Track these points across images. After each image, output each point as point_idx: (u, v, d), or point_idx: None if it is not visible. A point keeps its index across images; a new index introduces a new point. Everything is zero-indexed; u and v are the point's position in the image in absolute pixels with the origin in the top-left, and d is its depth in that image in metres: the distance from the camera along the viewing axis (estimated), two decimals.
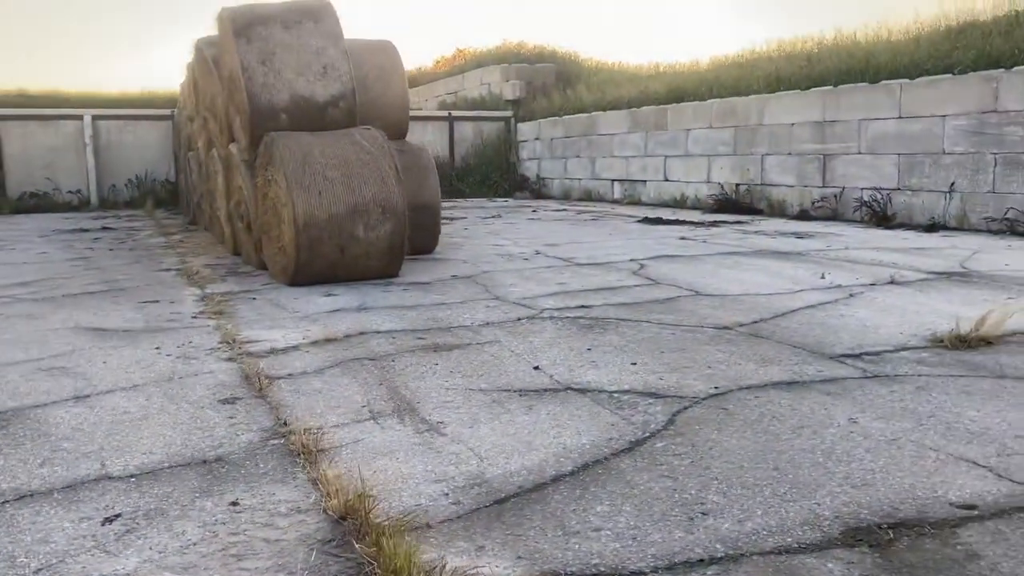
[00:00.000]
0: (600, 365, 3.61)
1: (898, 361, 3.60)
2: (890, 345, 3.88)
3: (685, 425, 2.81)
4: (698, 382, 3.32)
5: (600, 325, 4.44)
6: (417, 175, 7.43)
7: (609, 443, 2.65)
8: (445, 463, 2.50)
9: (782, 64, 12.39)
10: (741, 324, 4.41)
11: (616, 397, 3.14)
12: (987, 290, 5.28)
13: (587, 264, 6.83)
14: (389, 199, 5.89)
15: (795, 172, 11.30)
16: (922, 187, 9.48)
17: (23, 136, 16.15)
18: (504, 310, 4.91)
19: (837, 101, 10.57)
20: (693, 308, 4.86)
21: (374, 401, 3.14)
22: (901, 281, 5.64)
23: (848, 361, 3.61)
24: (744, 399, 3.09)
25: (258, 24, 6.08)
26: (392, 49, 7.82)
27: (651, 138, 14.31)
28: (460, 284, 5.91)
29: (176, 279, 6.43)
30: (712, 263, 6.72)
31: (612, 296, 5.32)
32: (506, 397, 3.17)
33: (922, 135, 9.46)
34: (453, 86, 22.89)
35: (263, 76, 6.03)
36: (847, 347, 3.86)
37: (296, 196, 5.64)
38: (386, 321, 4.64)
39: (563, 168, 17.16)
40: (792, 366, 3.53)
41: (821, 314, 4.63)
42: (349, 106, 6.26)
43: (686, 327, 4.36)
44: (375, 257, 5.95)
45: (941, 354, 3.71)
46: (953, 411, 2.90)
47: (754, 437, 2.68)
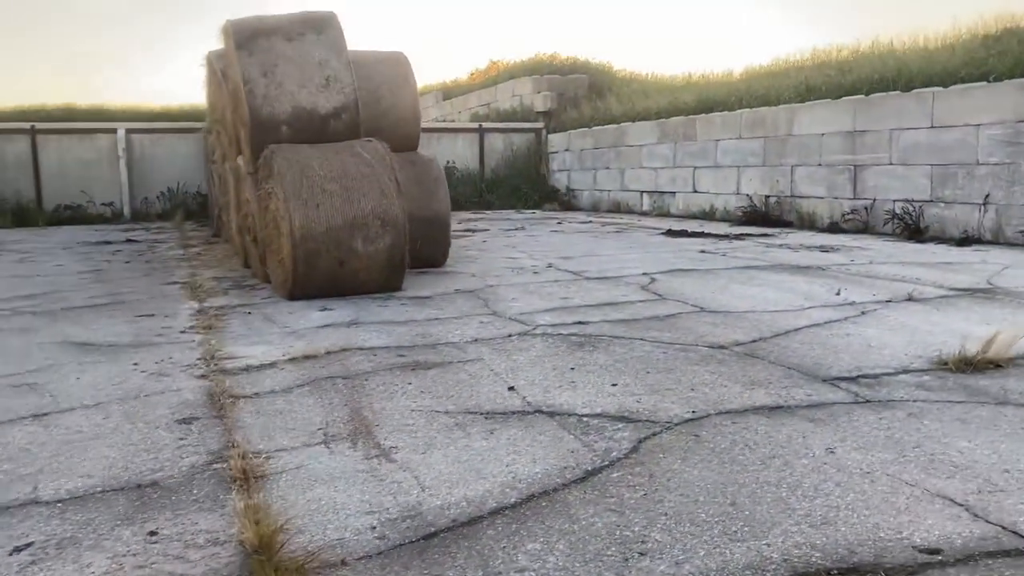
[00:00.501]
0: (579, 386, 3.46)
1: (896, 385, 3.39)
2: (891, 367, 3.67)
3: (649, 453, 2.64)
4: (676, 406, 3.14)
5: (591, 343, 4.27)
6: (427, 187, 7.34)
7: (563, 472, 2.49)
8: (384, 493, 2.37)
9: (812, 73, 12.11)
10: (739, 343, 4.21)
11: (585, 421, 2.98)
12: (1010, 308, 5.01)
13: (596, 278, 6.66)
14: (389, 212, 5.79)
15: (825, 183, 11.01)
16: (955, 199, 9.15)
17: (59, 150, 16.44)
18: (498, 326, 4.77)
19: (868, 110, 10.28)
20: (693, 325, 4.68)
21: (333, 423, 3.02)
22: (919, 298, 5.39)
23: (842, 384, 3.41)
24: (720, 425, 2.91)
25: (260, 36, 6.04)
26: (403, 61, 7.75)
27: (680, 149, 14.09)
28: (460, 298, 5.78)
29: (179, 292, 6.40)
30: (725, 277, 6.52)
31: (613, 312, 5.15)
32: (471, 420, 3.02)
33: (955, 145, 9.13)
34: (486, 98, 22.86)
35: (264, 88, 5.98)
36: (845, 369, 3.66)
37: (293, 209, 5.57)
38: (373, 337, 4.53)
39: (592, 179, 16.99)
40: (780, 389, 3.34)
41: (826, 333, 4.42)
42: (352, 118, 6.19)
43: (680, 346, 4.18)
44: (375, 271, 5.85)
45: (944, 378, 3.48)
46: (942, 441, 2.69)
47: (719, 467, 2.50)
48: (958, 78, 9.34)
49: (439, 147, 18.78)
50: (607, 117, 16.66)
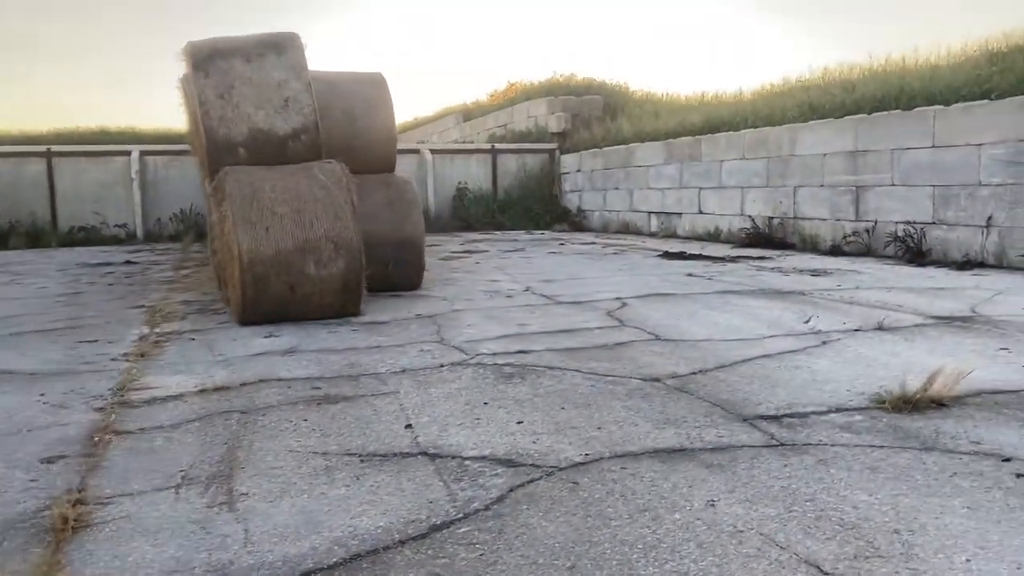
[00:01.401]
0: (482, 423, 3.24)
1: (820, 426, 3.13)
2: (825, 405, 3.41)
3: (513, 504, 2.42)
4: (572, 447, 2.92)
5: (522, 374, 4.06)
6: (400, 210, 7.20)
7: (407, 527, 2.28)
8: (201, 548, 2.17)
9: (816, 93, 11.81)
10: (676, 375, 3.97)
11: (466, 465, 2.77)
12: (983, 339, 4.71)
13: (568, 303, 6.44)
14: (342, 235, 5.63)
15: (827, 205, 10.69)
16: (958, 221, 8.80)
17: (75, 172, 16.61)
18: (436, 355, 4.57)
19: (870, 130, 9.97)
20: (638, 355, 4.44)
21: (199, 465, 2.84)
22: (890, 327, 5.10)
23: (762, 424, 3.16)
24: (607, 471, 2.68)
25: (218, 57, 5.95)
26: (380, 81, 7.63)
27: (686, 169, 13.83)
28: (416, 324, 5.60)
29: (140, 317, 6.29)
30: (701, 303, 6.26)
31: (565, 339, 4.93)
32: (345, 463, 2.83)
33: (957, 165, 8.79)
34: (503, 119, 22.77)
35: (220, 110, 5.88)
36: (774, 406, 3.40)
37: (241, 232, 5.44)
38: (300, 367, 4.36)
39: (602, 200, 16.78)
40: (692, 429, 3.10)
41: (774, 364, 4.16)
42: (312, 139, 6.06)
43: (613, 378, 3.95)
44: (329, 295, 5.69)
45: (877, 418, 3.22)
46: (840, 494, 2.44)
47: (580, 523, 2.27)
48: (960, 96, 9.01)
49: (452, 168, 18.73)
50: (618, 138, 16.46)
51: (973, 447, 2.84)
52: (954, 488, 2.47)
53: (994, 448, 2.83)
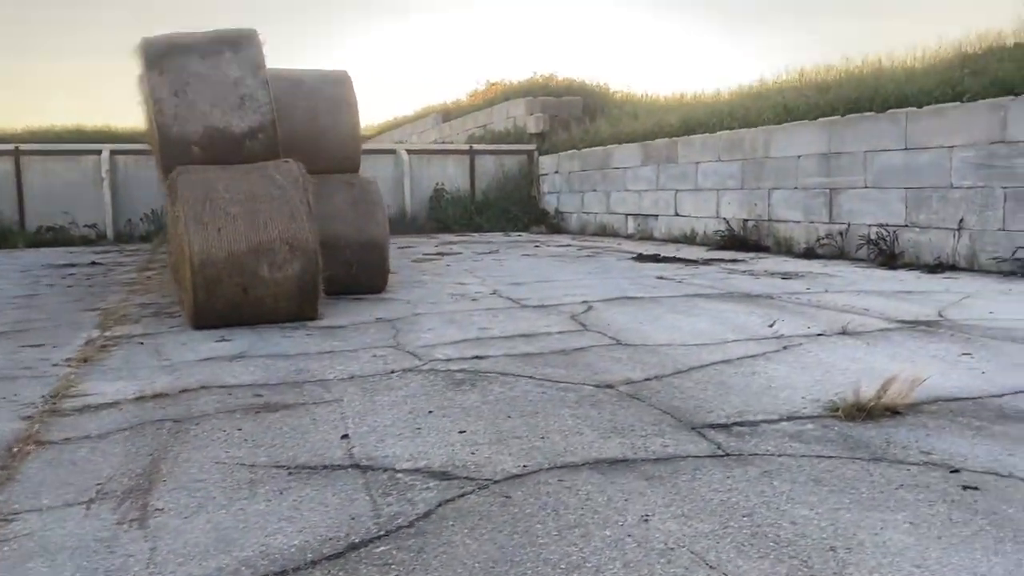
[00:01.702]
0: (423, 433, 3.13)
1: (770, 435, 3.03)
2: (777, 413, 3.31)
3: (439, 520, 2.30)
4: (512, 458, 2.81)
5: (472, 380, 3.95)
6: (364, 210, 7.07)
7: (322, 546, 2.16)
8: (100, 571, 2.05)
9: (792, 94, 11.76)
10: (630, 381, 3.87)
11: (398, 478, 2.66)
12: (947, 343, 4.64)
13: (533, 306, 6.33)
14: (298, 237, 5.50)
15: (801, 207, 10.64)
16: (930, 224, 8.76)
17: (43, 171, 16.36)
18: (388, 361, 4.45)
19: (843, 132, 9.92)
20: (595, 361, 4.34)
21: (118, 478, 2.71)
22: (854, 331, 5.02)
23: (711, 433, 3.06)
24: (543, 483, 2.57)
25: (173, 54, 5.80)
26: (345, 80, 7.50)
27: (663, 171, 13.77)
28: (373, 329, 5.47)
29: (93, 319, 6.13)
30: (666, 307, 6.17)
31: (523, 344, 4.82)
32: (271, 476, 2.70)
33: (929, 167, 8.76)
34: (482, 120, 22.65)
35: (174, 108, 5.73)
36: (726, 414, 3.31)
37: (193, 233, 5.30)
38: (246, 373, 4.23)
39: (580, 202, 16.70)
40: (638, 438, 3.00)
41: (731, 370, 4.07)
42: (269, 138, 5.92)
43: (566, 384, 3.84)
44: (283, 298, 5.56)
45: (829, 426, 3.12)
46: (780, 508, 2.34)
47: (506, 540, 2.16)
48: (933, 98, 8.98)
49: (429, 169, 18.59)
50: (595, 139, 16.38)
51: (923, 457, 2.75)
52: (898, 502, 2.37)
53: (944, 458, 2.74)
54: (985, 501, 2.37)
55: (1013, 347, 4.50)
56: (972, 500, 2.38)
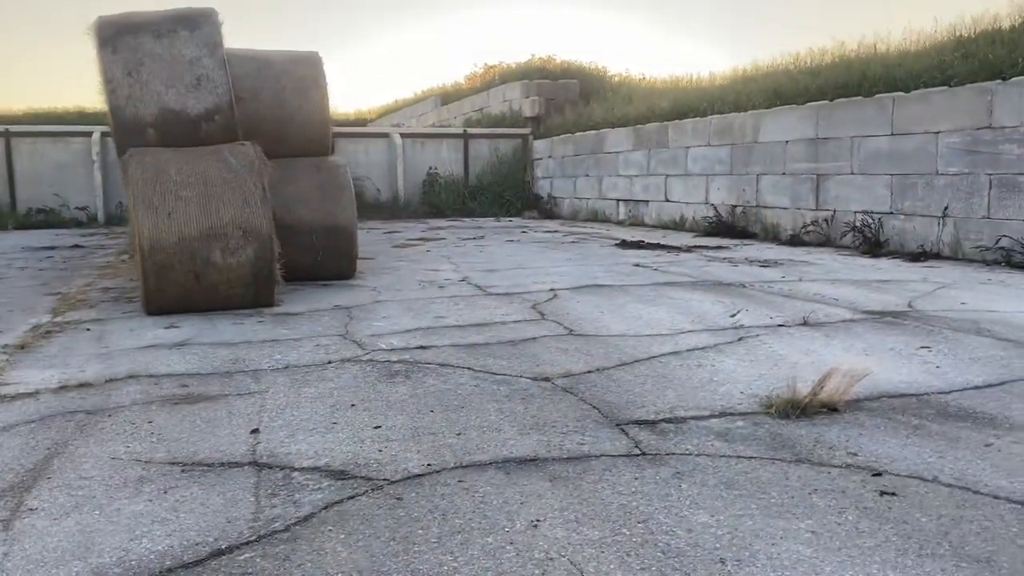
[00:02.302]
0: (337, 428, 3.01)
1: (695, 432, 2.90)
2: (710, 409, 3.18)
3: (319, 524, 2.19)
4: (419, 456, 2.69)
5: (409, 372, 3.83)
6: (330, 195, 6.94)
7: (188, 550, 2.05)
8: None
9: (782, 78, 11.55)
10: (570, 374, 3.75)
11: (292, 477, 2.54)
12: (908, 336, 4.49)
13: (498, 294, 6.21)
14: (251, 222, 5.38)
15: (789, 193, 10.46)
16: (915, 211, 8.58)
17: (32, 153, 16.26)
18: (331, 350, 4.33)
19: (830, 116, 9.73)
20: (541, 352, 4.22)
21: (3, 474, 2.60)
22: (815, 322, 4.88)
23: (634, 430, 2.93)
24: (443, 484, 2.45)
25: (127, 33, 5.67)
26: (314, 61, 7.35)
27: (653, 156, 13.58)
28: (328, 316, 5.35)
29: (50, 304, 6.03)
30: (634, 295, 6.03)
31: (474, 334, 4.70)
32: (163, 473, 2.59)
33: (915, 154, 8.57)
34: (479, 103, 22.44)
35: (128, 88, 5.60)
36: (656, 410, 3.18)
37: (143, 218, 5.18)
38: (182, 361, 4.11)
39: (573, 187, 16.52)
40: (556, 436, 2.87)
41: (678, 363, 3.93)
42: (226, 120, 5.79)
43: (504, 376, 3.72)
44: (238, 284, 5.44)
45: (760, 424, 2.99)
46: (680, 514, 2.21)
47: (381, 547, 2.04)
48: (921, 83, 8.78)
49: (423, 153, 18.44)
50: (589, 123, 16.19)
51: (848, 459, 2.62)
52: (807, 508, 2.24)
53: (870, 460, 2.61)
54: (900, 508, 2.24)
55: (975, 340, 4.35)
56: (886, 507, 2.25)
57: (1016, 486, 2.37)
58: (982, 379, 3.58)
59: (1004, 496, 2.31)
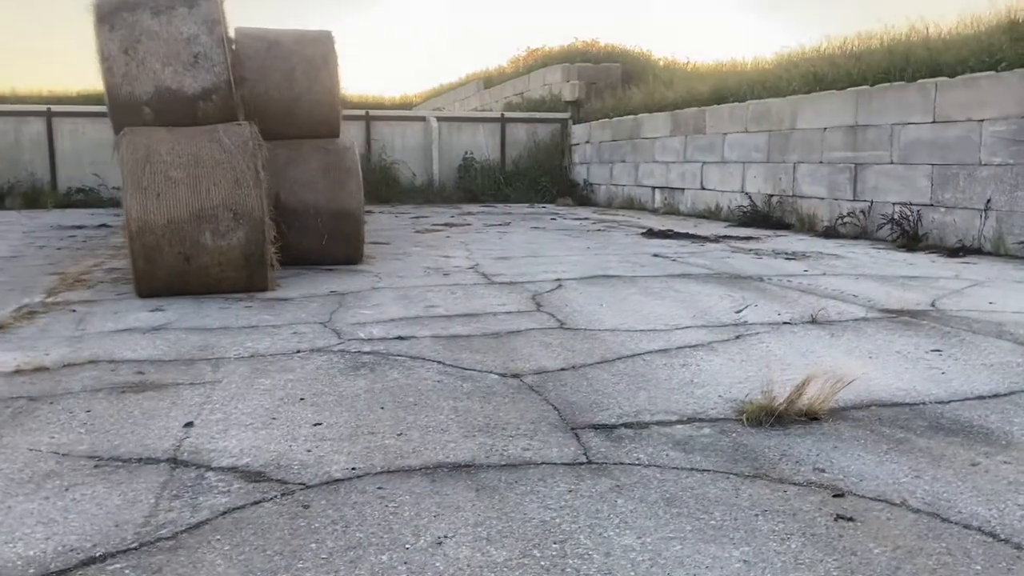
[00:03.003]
0: (276, 424, 2.85)
1: (655, 439, 2.67)
2: (679, 413, 2.94)
3: (209, 533, 2.02)
4: (347, 458, 2.51)
5: (375, 364, 3.65)
6: (336, 178, 6.79)
7: (57, 559, 1.90)
8: None
9: (821, 63, 11.09)
10: (543, 371, 3.53)
11: (206, 477, 2.38)
12: (921, 338, 4.18)
13: (501, 283, 6.00)
14: (243, 203, 5.25)
15: (826, 183, 10.05)
16: (956, 203, 8.14)
17: (73, 133, 16.46)
18: (304, 339, 4.18)
19: (870, 103, 9.29)
20: (523, 346, 4.01)
21: None
22: (824, 320, 4.58)
23: (588, 435, 2.71)
24: (360, 491, 2.26)
25: (124, 10, 5.57)
26: (324, 40, 7.19)
27: (690, 143, 13.21)
28: (318, 303, 5.21)
29: (50, 283, 5.99)
30: (640, 287, 5.78)
31: (459, 326, 4.51)
32: (75, 468, 2.45)
33: (957, 142, 8.12)
34: (520, 87, 22.18)
35: (125, 66, 5.51)
36: (621, 412, 2.95)
37: (131, 198, 5.08)
38: (150, 347, 3.99)
39: (609, 174, 16.20)
40: (503, 439, 2.67)
41: (662, 361, 3.69)
42: (224, 99, 5.66)
43: (473, 372, 3.52)
44: (229, 268, 5.32)
45: (727, 432, 2.75)
46: (604, 535, 2.00)
47: (262, 563, 1.87)
48: (967, 67, 8.31)
49: (459, 137, 18.26)
50: (627, 108, 15.82)
51: (813, 476, 2.37)
52: (748, 533, 2.01)
53: (836, 478, 2.35)
54: (852, 537, 1.99)
55: (993, 344, 4.03)
56: (837, 535, 2.00)
57: (992, 513, 2.10)
58: (989, 388, 3.27)
59: (976, 526, 2.04)
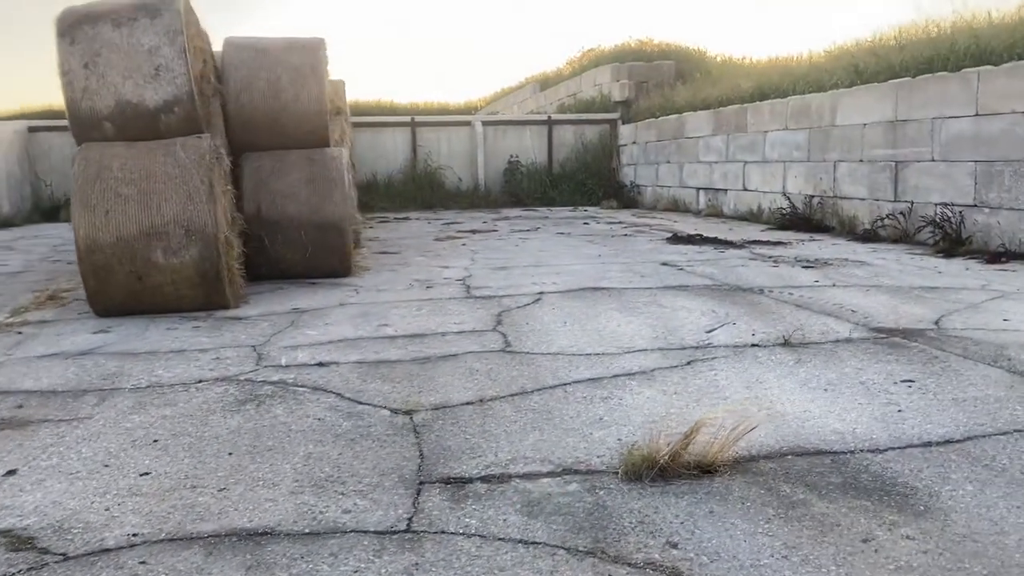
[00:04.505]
0: (102, 473, 2.59)
1: (503, 499, 2.31)
2: (556, 463, 2.57)
3: None
4: (141, 520, 2.23)
5: (264, 398, 3.38)
6: (320, 189, 6.57)
7: None
8: None
9: (863, 54, 10.38)
10: (443, 406, 3.20)
11: None
12: (899, 365, 3.68)
13: (477, 298, 5.68)
14: (196, 219, 5.05)
15: (866, 183, 9.38)
16: (1001, 204, 7.44)
17: None
18: (222, 366, 3.94)
19: (910, 95, 8.62)
20: (443, 375, 3.68)
21: None
22: (798, 343, 4.11)
23: (432, 492, 2.37)
24: (117, 566, 1.98)
25: (85, 23, 5.44)
26: (313, 47, 6.98)
27: (732, 141, 12.62)
28: (268, 323, 4.98)
29: (26, 301, 5.93)
30: (623, 302, 5.38)
31: (397, 348, 4.21)
32: None
33: (1002, 136, 7.42)
34: (573, 88, 21.76)
35: (84, 80, 5.37)
36: (490, 462, 2.59)
37: (79, 216, 4.94)
38: (57, 376, 3.81)
39: (655, 175, 15.67)
40: (331, 497, 2.34)
41: (583, 393, 3.31)
42: (187, 111, 5.48)
43: (366, 407, 3.21)
44: (184, 285, 5.13)
45: (595, 490, 2.37)
46: None
47: None
48: (1015, 54, 7.59)
49: (505, 141, 17.98)
50: (672, 107, 15.26)
51: (658, 554, 1.97)
52: None
53: (685, 556, 1.95)
54: None
55: (982, 372, 3.50)
56: None
57: None
58: (944, 431, 2.79)
59: None
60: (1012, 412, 2.96)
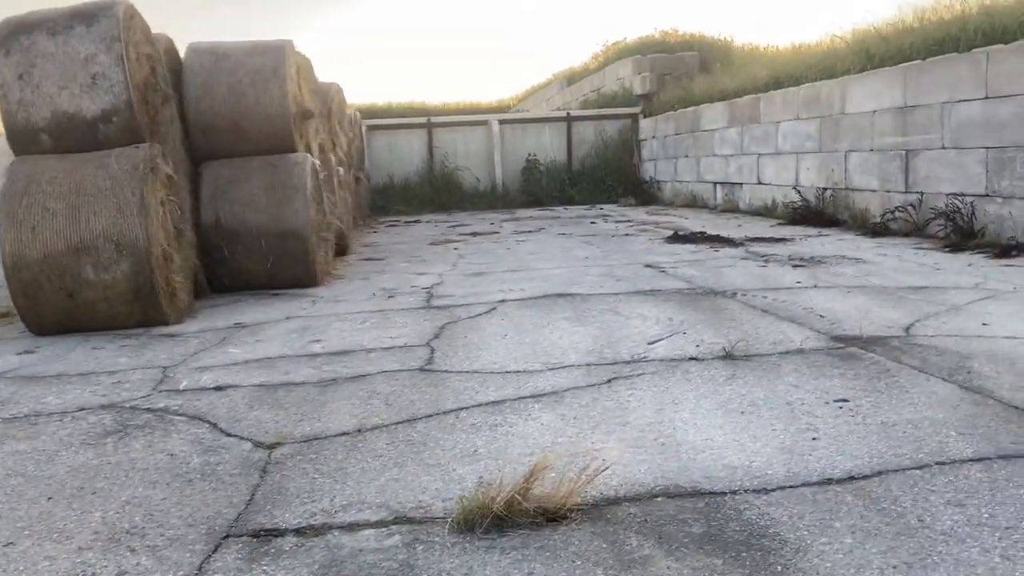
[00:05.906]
0: None
1: (312, 555, 2.03)
2: (391, 509, 2.28)
3: None
4: None
5: (132, 430, 3.14)
6: (281, 197, 6.35)
7: None
8: None
9: (871, 39, 9.85)
10: (316, 438, 2.93)
11: None
12: (844, 379, 3.31)
13: (433, 308, 5.41)
14: (127, 233, 4.85)
15: (877, 173, 8.88)
16: (1013, 193, 6.93)
17: None
18: (115, 391, 3.73)
19: (918, 79, 8.11)
20: (339, 399, 3.41)
21: None
22: (740, 354, 3.75)
23: (233, 548, 2.10)
24: None
25: (21, 33, 5.28)
26: (276, 50, 6.77)
27: (746, 133, 12.15)
28: (201, 339, 4.77)
29: None
30: (579, 311, 5.07)
31: (311, 368, 3.95)
32: None
33: (1013, 120, 6.91)
34: (596, 83, 21.37)
35: (20, 92, 5.22)
36: (322, 508, 2.33)
37: (5, 233, 4.78)
38: None
39: (674, 169, 15.23)
40: (119, 555, 2.09)
41: (474, 420, 3.02)
42: (126, 121, 5.29)
43: (234, 439, 2.96)
44: (118, 302, 4.94)
45: (415, 543, 2.07)
46: None
47: None
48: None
49: (523, 139, 17.67)
50: (690, 98, 14.80)
51: None
52: None
53: None
54: None
55: (929, 389, 3.12)
56: None
57: None
58: (853, 465, 2.43)
59: None
60: (941, 441, 2.58)
